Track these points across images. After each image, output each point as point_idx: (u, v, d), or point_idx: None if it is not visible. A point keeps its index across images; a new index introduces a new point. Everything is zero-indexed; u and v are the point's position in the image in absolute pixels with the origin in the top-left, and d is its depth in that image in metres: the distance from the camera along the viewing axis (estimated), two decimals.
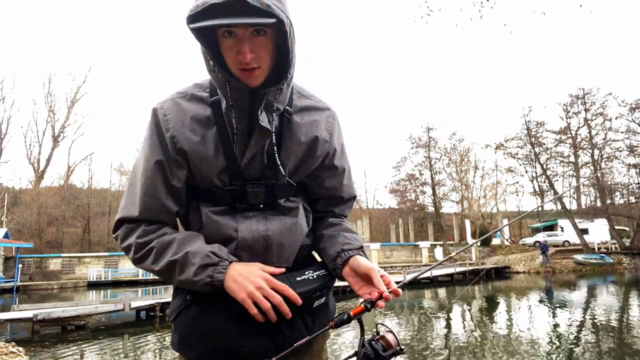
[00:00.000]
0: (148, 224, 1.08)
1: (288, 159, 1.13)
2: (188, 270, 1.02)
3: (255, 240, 1.09)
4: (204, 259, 1.01)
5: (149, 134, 1.10)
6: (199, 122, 1.08)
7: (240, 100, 1.03)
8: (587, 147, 38.51)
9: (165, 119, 1.08)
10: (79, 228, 47.92)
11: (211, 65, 1.00)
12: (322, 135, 1.18)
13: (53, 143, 49.88)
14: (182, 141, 1.07)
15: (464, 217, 43.63)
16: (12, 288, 25.46)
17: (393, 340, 0.99)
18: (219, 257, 1.02)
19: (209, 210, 1.10)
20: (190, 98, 1.10)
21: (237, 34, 0.96)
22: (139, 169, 1.10)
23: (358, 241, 1.19)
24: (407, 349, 8.96)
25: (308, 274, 1.10)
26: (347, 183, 1.28)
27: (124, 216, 1.09)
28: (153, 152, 1.08)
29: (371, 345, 0.97)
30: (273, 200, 1.13)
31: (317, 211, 1.27)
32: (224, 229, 1.08)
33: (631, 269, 30.99)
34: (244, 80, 1.00)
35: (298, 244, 1.16)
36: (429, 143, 44.21)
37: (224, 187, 1.10)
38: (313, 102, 1.20)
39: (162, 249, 1.05)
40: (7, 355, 7.70)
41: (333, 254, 1.15)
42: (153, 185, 1.08)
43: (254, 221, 1.10)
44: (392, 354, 0.98)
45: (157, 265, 1.05)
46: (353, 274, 1.11)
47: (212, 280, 1.00)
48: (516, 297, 19.25)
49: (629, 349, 8.84)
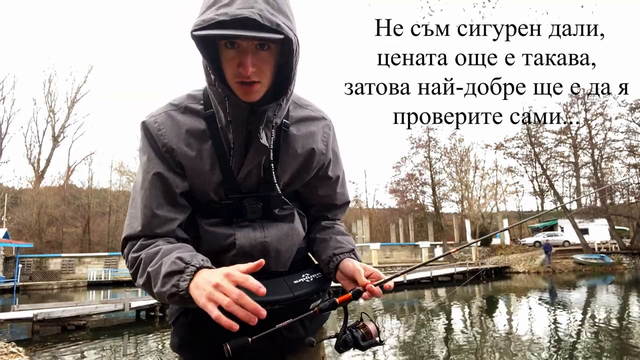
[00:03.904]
0: (146, 238, 1.05)
1: (284, 172, 1.13)
2: (158, 280, 0.94)
3: (254, 247, 1.09)
4: (170, 266, 0.92)
5: (144, 148, 1.07)
6: (194, 136, 1.05)
7: (239, 117, 1.01)
8: (587, 147, 38.51)
9: (159, 132, 1.05)
10: (79, 228, 47.90)
11: (212, 79, 0.98)
12: (319, 147, 1.17)
13: (53, 143, 49.90)
14: (180, 155, 1.05)
15: (464, 217, 43.61)
16: (12, 288, 25.48)
17: (374, 329, 1.00)
18: (185, 263, 0.92)
19: (205, 222, 1.09)
20: (184, 110, 1.07)
21: (240, 46, 0.94)
22: (139, 183, 1.08)
23: (350, 244, 1.19)
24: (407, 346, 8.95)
25: (305, 277, 1.11)
26: (341, 190, 1.29)
27: (128, 234, 1.06)
28: (150, 164, 1.05)
29: (352, 332, 0.98)
30: (269, 211, 1.13)
31: (310, 216, 1.28)
32: (222, 238, 1.08)
33: (631, 269, 30.98)
34: (241, 96, 0.98)
35: (295, 248, 1.17)
36: (429, 143, 44.20)
37: (220, 202, 1.09)
38: (309, 112, 1.19)
39: (148, 261, 0.99)
40: (7, 355, 7.70)
41: (326, 259, 1.16)
42: (153, 197, 1.05)
43: (251, 229, 1.10)
44: (370, 344, 0.98)
45: (141, 279, 0.99)
46: (343, 276, 1.12)
47: (177, 290, 0.90)
48: (516, 297, 19.25)
49: (629, 349, 8.84)
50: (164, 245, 1.02)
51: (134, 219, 1.06)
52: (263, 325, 0.98)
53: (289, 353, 1.14)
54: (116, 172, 53.38)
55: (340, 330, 0.99)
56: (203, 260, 0.94)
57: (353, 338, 0.97)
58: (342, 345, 0.97)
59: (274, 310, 1.02)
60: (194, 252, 0.98)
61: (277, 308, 1.02)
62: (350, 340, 0.97)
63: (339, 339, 0.97)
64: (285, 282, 1.07)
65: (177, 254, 0.95)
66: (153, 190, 1.05)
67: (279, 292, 1.05)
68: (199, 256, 0.96)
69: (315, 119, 1.19)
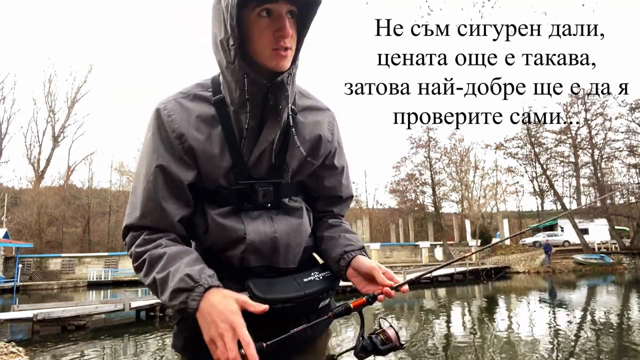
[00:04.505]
0: (150, 232, 1.05)
1: (292, 157, 1.14)
2: (166, 292, 0.96)
3: (263, 242, 1.08)
4: (179, 282, 0.94)
5: (152, 136, 1.07)
6: (203, 121, 1.06)
7: (256, 95, 1.02)
8: (587, 147, 38.51)
9: (170, 119, 1.05)
10: (79, 228, 47.90)
11: (231, 56, 0.98)
12: (325, 134, 1.19)
13: (53, 143, 49.92)
14: (190, 139, 1.05)
15: (464, 217, 43.63)
16: (12, 288, 25.44)
17: (393, 335, 0.99)
18: (194, 282, 0.94)
19: (215, 212, 1.08)
20: (193, 98, 1.09)
21: (275, 12, 0.97)
22: (141, 173, 1.07)
23: (359, 242, 1.20)
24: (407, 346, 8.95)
25: (314, 275, 1.10)
26: (346, 182, 1.30)
27: (128, 223, 1.06)
28: (155, 155, 1.05)
29: (370, 338, 0.97)
30: (279, 199, 1.13)
31: (316, 211, 1.28)
32: (231, 232, 1.07)
33: (631, 269, 30.96)
34: (276, 64, 0.99)
35: (303, 245, 1.17)
36: (429, 143, 44.21)
37: (230, 187, 1.09)
38: (314, 102, 1.22)
39: (152, 264, 1.00)
40: (7, 355, 7.70)
41: (336, 257, 1.16)
42: (155, 189, 1.04)
43: (260, 222, 1.09)
44: (390, 348, 0.98)
45: (146, 280, 1.02)
46: (356, 274, 1.12)
47: (186, 307, 0.94)
48: (516, 297, 19.26)
49: (629, 349, 8.83)
50: (168, 247, 1.02)
51: (134, 208, 1.06)
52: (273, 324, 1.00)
53: (295, 353, 1.13)
54: (116, 172, 53.47)
55: (358, 336, 0.98)
56: (210, 278, 0.97)
57: (372, 343, 0.96)
58: (361, 351, 0.96)
59: (285, 309, 1.02)
60: (200, 265, 0.99)
61: (288, 306, 1.02)
62: (369, 345, 0.96)
63: (356, 345, 0.97)
64: (295, 280, 1.07)
65: (185, 270, 0.96)
66: (156, 183, 1.04)
67: (289, 290, 1.05)
68: (206, 271, 0.98)
69: (321, 109, 1.22)
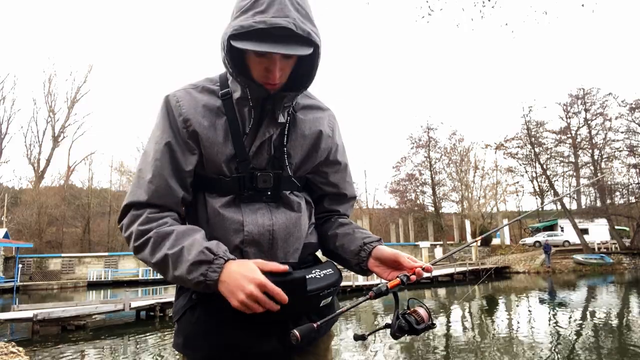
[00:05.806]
0: (153, 210, 1.07)
1: (294, 151, 1.17)
2: (182, 266, 0.98)
3: (261, 234, 1.10)
4: (198, 255, 0.98)
5: (160, 119, 1.12)
6: (209, 110, 1.12)
7: (258, 98, 1.09)
8: (587, 147, 38.50)
9: (177, 104, 1.11)
10: (79, 228, 47.91)
11: (232, 72, 1.06)
12: (325, 130, 1.23)
13: (53, 143, 49.90)
14: (195, 124, 1.09)
15: (464, 217, 43.59)
16: (12, 288, 25.45)
17: (425, 314, 1.02)
18: (214, 255, 0.98)
19: (216, 203, 1.11)
20: (201, 90, 1.14)
21: (269, 56, 1.01)
22: (149, 153, 1.11)
23: (374, 235, 1.23)
24: (407, 346, 8.96)
25: (316, 272, 1.11)
26: (349, 181, 1.33)
27: (131, 201, 1.08)
28: (163, 135, 1.10)
29: (405, 317, 1.00)
30: (278, 190, 1.15)
31: (323, 210, 1.30)
32: (230, 223, 1.09)
33: (631, 269, 30.96)
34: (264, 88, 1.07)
35: (302, 239, 1.18)
36: (429, 143, 44.19)
37: (231, 175, 1.12)
38: (315, 102, 1.26)
39: (160, 240, 1.02)
40: (7, 355, 7.70)
41: (355, 249, 1.18)
42: (162, 167, 1.08)
43: (259, 215, 1.11)
44: (425, 327, 1.01)
45: (153, 257, 1.02)
46: (378, 263, 1.15)
47: (205, 279, 0.97)
48: (516, 297, 19.25)
49: (629, 349, 8.84)
50: (176, 225, 1.06)
51: (138, 188, 1.09)
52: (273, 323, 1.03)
53: (297, 354, 1.13)
54: (116, 172, 53.46)
55: (393, 317, 1.01)
56: (226, 252, 1.01)
57: (407, 323, 0.99)
58: (398, 330, 0.99)
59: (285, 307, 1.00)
60: (213, 240, 1.03)
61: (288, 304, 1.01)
62: (405, 325, 0.99)
63: (393, 325, 1.00)
64: None
65: (203, 243, 1.00)
66: (164, 160, 1.09)
67: None
68: (222, 246, 1.02)
69: (321, 109, 1.26)
